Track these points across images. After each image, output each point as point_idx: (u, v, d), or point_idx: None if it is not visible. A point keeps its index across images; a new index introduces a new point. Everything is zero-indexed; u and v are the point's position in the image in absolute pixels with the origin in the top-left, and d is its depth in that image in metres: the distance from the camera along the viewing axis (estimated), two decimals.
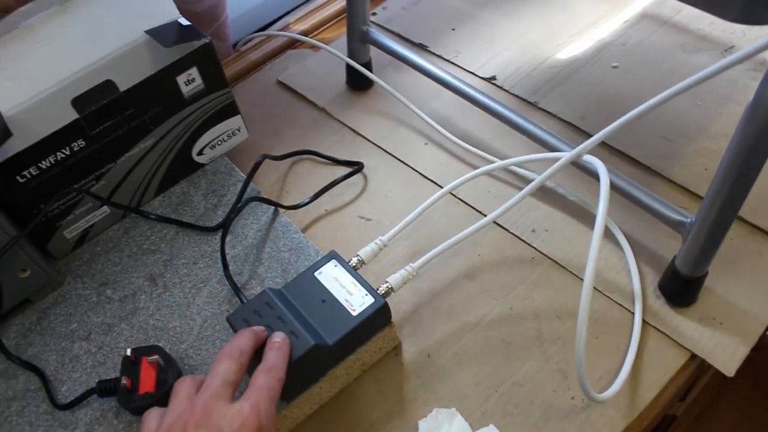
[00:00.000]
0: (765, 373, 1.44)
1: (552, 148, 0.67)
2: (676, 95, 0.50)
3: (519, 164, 0.66)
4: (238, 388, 0.49)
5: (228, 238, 0.69)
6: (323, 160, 0.77)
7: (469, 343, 0.62)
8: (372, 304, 0.56)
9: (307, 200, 0.72)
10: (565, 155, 0.58)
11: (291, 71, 0.88)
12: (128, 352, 0.58)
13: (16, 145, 0.62)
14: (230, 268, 0.66)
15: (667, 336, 0.60)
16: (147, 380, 0.57)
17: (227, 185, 0.74)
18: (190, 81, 0.68)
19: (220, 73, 0.70)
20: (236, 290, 0.64)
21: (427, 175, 0.74)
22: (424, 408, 0.58)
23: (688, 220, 0.58)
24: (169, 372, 0.58)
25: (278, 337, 0.53)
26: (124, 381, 0.57)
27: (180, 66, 0.67)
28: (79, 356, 0.63)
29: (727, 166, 0.51)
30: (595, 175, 0.64)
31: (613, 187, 0.63)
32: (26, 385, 0.62)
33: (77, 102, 0.64)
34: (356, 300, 0.57)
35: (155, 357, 0.57)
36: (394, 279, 0.59)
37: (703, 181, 0.70)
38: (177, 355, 0.62)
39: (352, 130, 0.80)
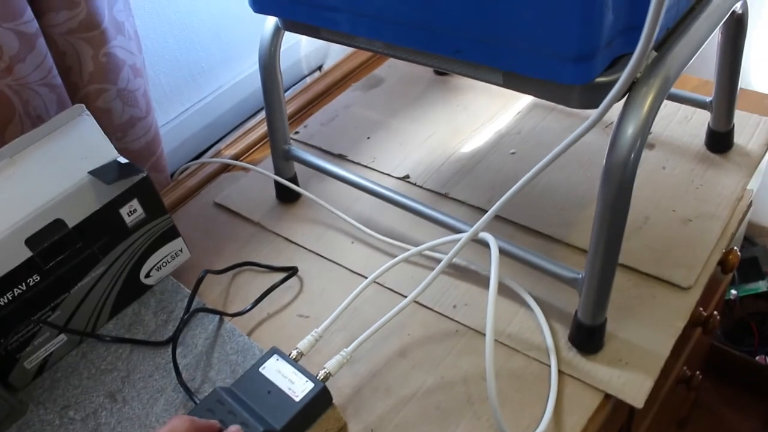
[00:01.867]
0: (715, 414, 1.51)
1: (461, 232, 0.76)
2: (545, 167, 0.60)
3: (431, 248, 0.74)
4: None
5: (179, 349, 0.75)
6: (261, 269, 0.84)
7: (407, 414, 0.68)
8: (312, 388, 0.63)
9: (249, 306, 0.79)
10: (465, 235, 0.67)
11: (226, 193, 0.97)
12: None
13: None
14: (183, 375, 0.72)
15: (582, 381, 0.67)
16: None
17: (174, 301, 0.80)
18: (132, 212, 0.76)
19: (158, 202, 0.78)
20: (189, 394, 0.70)
21: (355, 270, 0.82)
22: None
23: (579, 276, 0.66)
24: None
25: (234, 428, 0.59)
26: None
27: (122, 199, 0.75)
28: None
29: (598, 224, 0.60)
30: (500, 248, 0.73)
31: (513, 256, 0.72)
32: None
33: (30, 241, 0.71)
34: (298, 387, 0.63)
35: None
36: (330, 364, 0.66)
37: None
38: None
39: (286, 239, 0.88)
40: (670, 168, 0.88)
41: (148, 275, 0.81)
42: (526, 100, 1.02)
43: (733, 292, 1.52)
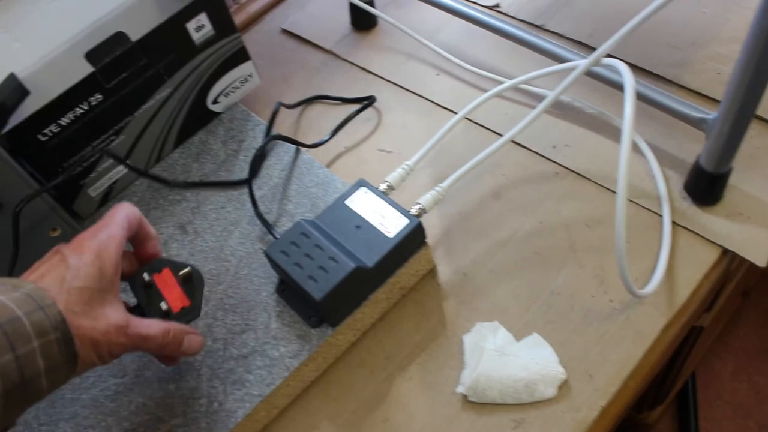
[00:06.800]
0: None
1: (564, 62, 0.67)
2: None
3: (530, 81, 0.65)
4: None
5: (253, 181, 0.69)
6: (334, 101, 0.77)
7: (503, 259, 0.63)
8: (407, 224, 0.57)
9: (327, 137, 0.72)
10: (582, 63, 0.58)
11: (293, 18, 0.88)
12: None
13: (34, 103, 0.62)
14: (259, 208, 0.67)
15: (698, 234, 0.61)
16: (173, 297, 0.54)
17: (245, 131, 0.74)
18: (200, 27, 0.68)
19: (228, 18, 0.70)
20: (267, 227, 0.65)
21: (442, 103, 0.75)
22: (466, 324, 0.59)
23: (710, 116, 0.58)
24: (195, 279, 0.55)
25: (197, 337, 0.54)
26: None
27: (189, 12, 0.67)
28: None
29: (746, 55, 0.51)
30: (613, 82, 0.65)
31: None
32: None
33: (91, 55, 0.64)
34: (391, 222, 0.57)
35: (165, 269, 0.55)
36: (425, 200, 0.60)
37: (716, 85, 0.70)
38: (216, 297, 0.62)
39: (361, 68, 0.80)
40: None
41: (215, 101, 0.74)
42: None
43: None
